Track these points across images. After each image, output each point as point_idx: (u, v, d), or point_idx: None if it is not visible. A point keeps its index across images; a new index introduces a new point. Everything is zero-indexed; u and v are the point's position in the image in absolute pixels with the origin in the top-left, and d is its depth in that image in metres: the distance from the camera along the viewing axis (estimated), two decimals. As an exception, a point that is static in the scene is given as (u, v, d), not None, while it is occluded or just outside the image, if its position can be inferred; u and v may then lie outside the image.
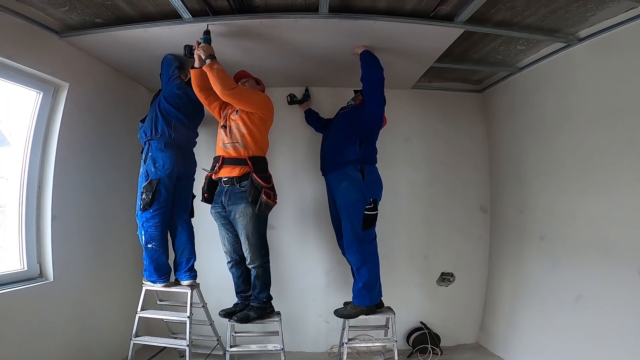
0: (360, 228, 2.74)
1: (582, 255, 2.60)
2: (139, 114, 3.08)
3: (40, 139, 2.65)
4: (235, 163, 2.64)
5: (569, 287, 2.69)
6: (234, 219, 2.67)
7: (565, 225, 2.79)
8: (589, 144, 2.61)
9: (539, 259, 3.01)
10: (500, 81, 3.50)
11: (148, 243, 2.77)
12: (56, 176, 2.65)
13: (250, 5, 2.48)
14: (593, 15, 2.44)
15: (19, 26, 2.33)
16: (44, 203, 2.63)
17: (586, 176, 2.63)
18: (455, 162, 3.76)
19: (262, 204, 2.59)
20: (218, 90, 2.54)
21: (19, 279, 2.46)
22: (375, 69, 2.79)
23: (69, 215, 2.76)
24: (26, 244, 2.56)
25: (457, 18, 2.46)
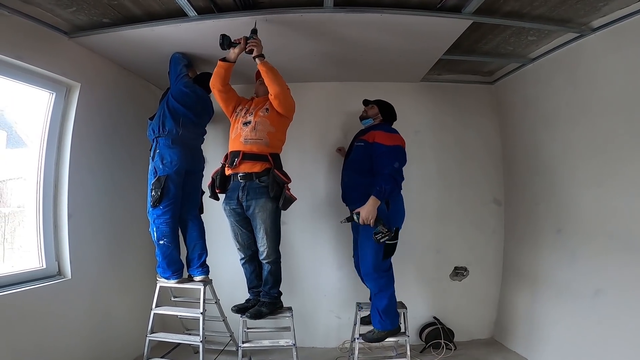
0: (381, 257, 2.71)
1: (601, 248, 2.54)
2: (149, 112, 3.12)
3: (55, 139, 2.71)
4: (257, 159, 2.66)
5: (587, 281, 2.64)
6: (252, 214, 2.68)
7: (583, 218, 2.73)
8: (607, 134, 2.54)
9: (556, 252, 2.95)
10: (512, 72, 3.43)
11: (160, 239, 2.81)
12: (71, 175, 2.72)
13: (255, 1, 2.49)
14: (605, 5, 2.37)
15: (28, 27, 2.38)
16: (60, 202, 2.70)
17: (605, 168, 2.56)
18: (467, 154, 3.71)
19: (285, 199, 2.62)
20: (276, 88, 2.59)
21: (38, 276, 2.53)
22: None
23: (85, 214, 2.83)
24: (44, 242, 2.63)
25: (464, 9, 2.41)
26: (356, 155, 2.91)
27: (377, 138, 2.77)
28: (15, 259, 2.64)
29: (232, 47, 2.57)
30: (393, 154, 2.72)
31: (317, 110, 3.66)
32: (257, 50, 2.51)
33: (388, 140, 2.75)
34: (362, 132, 2.96)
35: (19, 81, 2.46)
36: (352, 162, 2.94)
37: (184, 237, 3.04)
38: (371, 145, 2.79)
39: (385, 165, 2.67)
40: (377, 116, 2.98)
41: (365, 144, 2.84)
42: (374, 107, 3.00)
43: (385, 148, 2.72)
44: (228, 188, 2.78)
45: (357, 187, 2.83)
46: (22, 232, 2.71)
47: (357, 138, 2.98)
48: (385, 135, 2.78)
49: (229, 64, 2.65)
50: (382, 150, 2.72)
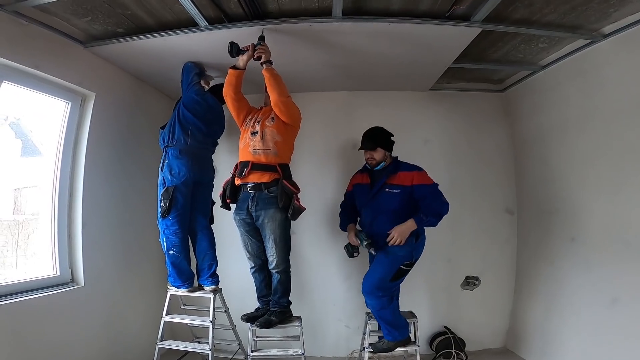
0: (390, 277, 2.70)
1: (617, 257, 2.50)
2: (161, 121, 3.14)
3: (70, 149, 2.77)
4: (265, 169, 2.66)
5: (603, 290, 2.59)
6: (261, 224, 2.69)
7: (598, 226, 2.69)
8: (620, 141, 2.51)
9: (571, 261, 2.91)
10: (523, 80, 3.41)
11: (170, 249, 2.83)
12: (86, 184, 2.76)
13: (264, 11, 2.52)
14: (616, 11, 2.36)
15: (45, 37, 2.44)
16: (74, 211, 2.75)
17: (619, 175, 2.53)
18: (478, 163, 3.68)
19: (294, 210, 2.63)
20: (275, 95, 2.61)
21: (52, 284, 2.57)
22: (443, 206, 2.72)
23: (98, 222, 2.87)
24: (59, 250, 2.67)
25: (473, 17, 2.42)
26: (392, 205, 2.76)
27: (417, 180, 2.74)
28: (28, 266, 2.68)
29: (241, 54, 2.61)
30: (437, 190, 2.75)
31: (326, 120, 3.68)
32: (264, 57, 2.55)
33: (428, 179, 2.76)
34: (387, 175, 2.80)
35: (36, 91, 2.52)
36: (387, 211, 2.77)
37: (194, 247, 3.05)
38: (410, 188, 2.74)
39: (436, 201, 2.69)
40: (385, 156, 2.87)
41: (402, 190, 2.74)
42: (379, 150, 2.83)
43: (430, 187, 2.73)
44: (238, 198, 2.79)
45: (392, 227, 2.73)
46: (35, 239, 2.75)
47: (384, 183, 2.79)
48: (422, 175, 2.76)
49: (239, 71, 2.68)
50: (428, 190, 2.72)
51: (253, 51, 2.56)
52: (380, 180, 2.81)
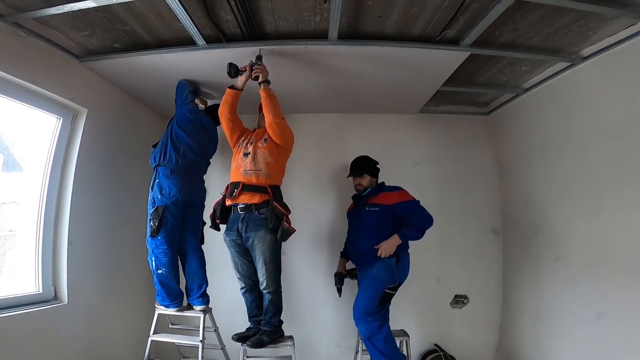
0: (377, 303, 2.75)
1: (601, 274, 2.57)
2: (153, 140, 3.14)
3: (59, 165, 2.72)
4: (256, 190, 2.66)
5: (589, 305, 2.65)
6: (251, 245, 2.67)
7: (581, 245, 2.77)
8: (601, 162, 2.61)
9: (557, 279, 2.98)
10: (507, 103, 3.55)
11: (158, 269, 2.78)
12: (73, 202, 2.71)
13: (261, 32, 2.59)
14: (595, 33, 2.48)
15: (42, 50, 2.44)
16: (61, 228, 2.68)
17: (600, 195, 2.62)
18: (465, 185, 3.79)
19: (284, 231, 2.61)
20: (270, 115, 2.62)
21: (34, 301, 2.48)
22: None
23: (85, 240, 2.81)
24: (42, 267, 2.59)
25: (462, 41, 2.54)
26: (371, 222, 2.91)
27: (396, 198, 2.87)
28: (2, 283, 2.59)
29: (239, 75, 2.64)
30: (418, 205, 2.86)
31: (317, 141, 3.74)
32: (262, 76, 2.58)
33: (408, 196, 2.90)
34: (369, 197, 2.99)
35: (29, 105, 2.49)
36: (367, 228, 2.92)
37: (183, 267, 3.00)
38: (390, 207, 2.86)
39: (418, 215, 2.79)
40: (372, 182, 3.07)
41: (381, 208, 2.89)
42: (365, 177, 3.05)
43: (410, 203, 2.86)
44: (229, 219, 2.77)
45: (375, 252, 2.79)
46: (12, 256, 2.67)
47: (365, 203, 2.98)
48: (401, 194, 2.91)
49: (236, 92, 2.71)
50: (409, 205, 2.84)
51: (251, 71, 2.59)
52: (362, 201, 2.99)
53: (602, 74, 2.60)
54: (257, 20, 2.46)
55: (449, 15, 2.35)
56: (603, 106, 2.59)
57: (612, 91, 2.52)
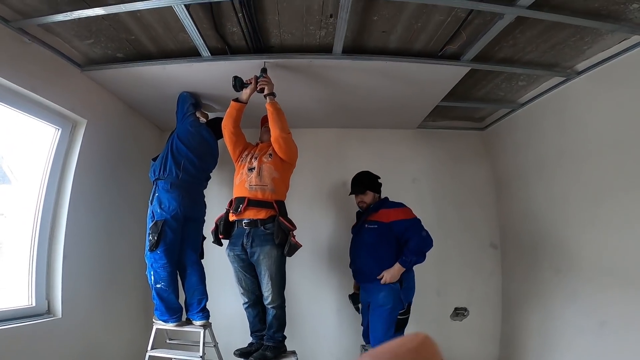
0: (392, 332, 2.71)
1: (602, 285, 2.60)
2: (152, 154, 3.11)
3: (56, 178, 2.64)
4: (262, 205, 2.63)
5: (591, 315, 2.68)
6: (257, 260, 2.64)
7: (581, 257, 2.80)
8: (597, 175, 2.66)
9: (557, 290, 3.01)
10: (502, 118, 3.63)
11: (157, 283, 2.72)
12: (70, 215, 2.64)
13: (266, 45, 2.61)
14: (589, 48, 2.56)
15: (45, 57, 2.41)
16: (56, 242, 2.61)
17: (598, 208, 2.66)
18: (463, 200, 3.85)
19: (291, 246, 2.60)
20: (277, 130, 2.61)
21: (26, 314, 2.39)
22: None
23: (81, 254, 2.74)
24: (36, 281, 2.50)
25: (463, 57, 2.61)
26: (370, 238, 2.88)
27: (393, 216, 2.82)
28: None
29: (244, 88, 2.63)
30: (417, 225, 2.80)
31: (317, 156, 3.75)
32: (267, 89, 2.58)
33: (406, 215, 2.83)
34: (369, 213, 2.95)
35: (28, 114, 2.43)
36: (366, 245, 2.90)
37: (182, 282, 2.94)
38: (388, 225, 2.81)
39: (414, 238, 2.74)
40: (375, 198, 3.02)
41: (379, 225, 2.85)
42: (368, 194, 3.00)
43: (408, 222, 2.80)
44: (232, 234, 2.74)
45: (374, 267, 2.78)
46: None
47: (365, 220, 2.95)
48: (401, 211, 2.86)
49: (241, 105, 2.70)
50: (406, 225, 2.79)
51: (256, 84, 2.59)
52: (362, 218, 2.96)
53: (596, 88, 2.67)
54: (263, 33, 2.49)
55: (451, 31, 2.42)
56: (598, 120, 2.66)
57: (606, 105, 2.59)
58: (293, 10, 2.27)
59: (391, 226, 2.80)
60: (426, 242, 2.75)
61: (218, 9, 2.27)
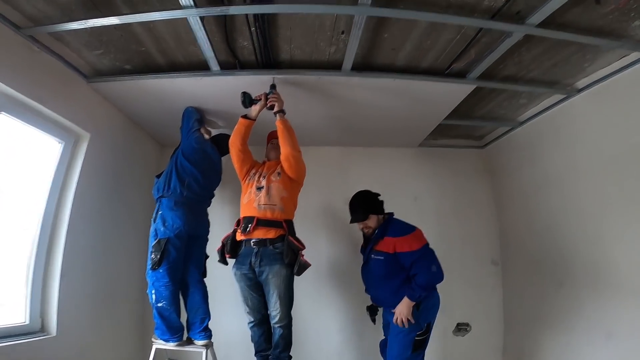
0: (409, 351, 2.57)
1: (608, 296, 2.62)
2: (151, 169, 3.08)
3: (56, 193, 2.55)
4: (271, 225, 2.59)
5: (597, 327, 2.68)
6: (265, 279, 2.59)
7: (585, 271, 2.82)
8: (599, 191, 2.71)
9: (562, 304, 3.02)
10: (502, 136, 3.71)
11: (158, 302, 2.64)
12: (69, 232, 2.54)
13: (276, 61, 2.62)
14: (590, 65, 2.64)
15: (52, 67, 2.36)
16: (54, 259, 2.50)
17: (599, 223, 2.70)
18: (464, 217, 3.89)
19: (300, 266, 2.57)
20: (288, 148, 2.57)
21: (20, 332, 2.27)
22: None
23: (79, 272, 2.64)
24: (31, 298, 2.39)
25: (469, 74, 2.66)
26: (378, 270, 2.68)
27: (399, 247, 2.59)
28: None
29: (254, 104, 2.60)
30: (424, 257, 2.57)
31: (319, 174, 3.69)
32: (278, 106, 2.56)
33: (412, 245, 2.58)
34: (374, 241, 2.72)
35: (33, 126, 2.35)
36: (377, 277, 2.71)
37: (185, 300, 2.86)
38: (393, 256, 2.60)
39: (422, 273, 2.53)
40: (379, 220, 2.79)
41: (385, 257, 2.63)
42: (371, 218, 2.75)
43: (414, 255, 2.55)
44: (239, 253, 2.69)
45: (389, 296, 2.63)
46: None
47: (371, 249, 2.73)
48: (405, 241, 2.61)
49: (250, 122, 2.67)
50: (412, 259, 2.55)
51: (265, 100, 2.56)
52: (369, 245, 2.77)
53: (596, 105, 2.73)
54: (273, 48, 2.51)
55: (459, 49, 2.48)
56: (598, 138, 2.71)
57: (606, 122, 2.65)
58: (306, 25, 2.30)
59: (397, 257, 2.61)
60: (435, 277, 2.56)
61: (232, 22, 2.29)
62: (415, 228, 2.69)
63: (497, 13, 2.12)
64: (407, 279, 2.58)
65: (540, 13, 2.02)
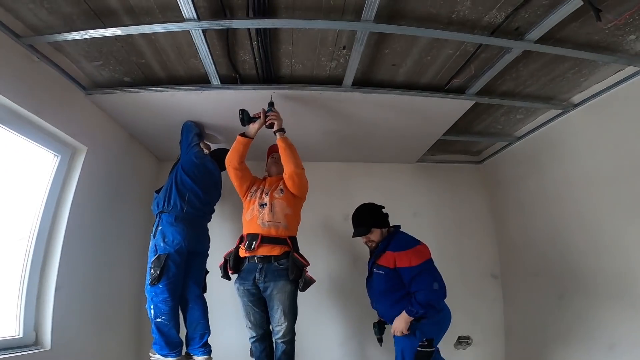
0: None
1: (609, 306, 2.63)
2: (150, 185, 3.05)
3: (52, 206, 2.49)
4: (276, 242, 2.58)
5: (600, 338, 2.68)
6: (269, 295, 2.56)
7: (584, 282, 2.83)
8: (596, 205, 2.74)
9: (563, 315, 3.02)
10: (499, 152, 3.75)
11: (157, 317, 2.57)
12: (65, 246, 2.47)
13: (276, 76, 2.63)
14: (585, 80, 2.69)
15: (50, 78, 2.33)
16: (49, 272, 2.42)
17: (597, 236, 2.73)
18: (463, 232, 3.90)
19: (305, 282, 2.56)
20: (292, 166, 2.55)
21: (12, 345, 2.19)
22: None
23: (74, 286, 2.56)
24: (24, 311, 2.31)
25: (468, 90, 2.70)
26: (381, 285, 2.62)
27: (399, 262, 2.52)
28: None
29: (252, 122, 2.57)
30: (425, 273, 2.47)
31: (319, 190, 3.64)
32: (277, 124, 2.53)
33: (412, 260, 2.50)
34: (377, 254, 2.66)
35: (29, 139, 2.29)
36: (379, 292, 2.65)
37: (184, 315, 2.80)
38: (393, 271, 2.54)
39: (422, 289, 2.43)
40: (383, 233, 2.72)
41: (386, 272, 2.57)
42: (374, 231, 2.69)
43: (414, 270, 2.46)
44: (242, 269, 2.66)
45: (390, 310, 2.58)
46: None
47: (374, 263, 2.68)
48: (405, 256, 2.53)
49: (248, 140, 2.63)
50: (412, 275, 2.46)
51: (265, 118, 2.54)
52: (372, 259, 2.73)
53: (592, 120, 2.77)
54: (275, 62, 2.52)
55: (458, 65, 2.52)
56: (594, 151, 2.75)
57: (602, 137, 2.69)
58: (308, 40, 2.31)
59: (398, 272, 2.53)
60: (436, 295, 2.44)
61: (234, 36, 2.29)
62: (419, 243, 2.63)
63: (497, 29, 2.16)
64: (409, 294, 2.51)
65: (539, 29, 2.08)
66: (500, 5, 2.01)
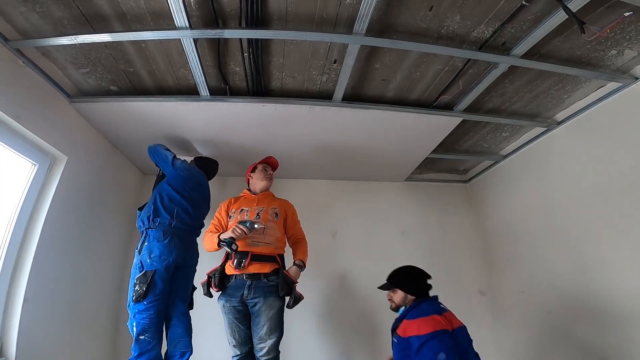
0: None
1: (598, 321, 2.61)
2: (131, 197, 2.93)
3: (26, 218, 2.35)
4: (266, 260, 2.61)
5: (590, 354, 2.65)
6: (257, 311, 2.51)
7: (572, 300, 2.82)
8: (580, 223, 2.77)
9: (551, 331, 3.00)
10: (485, 171, 3.80)
11: (140, 334, 2.41)
12: (36, 258, 2.32)
13: (267, 89, 2.62)
14: (568, 97, 2.77)
15: (34, 84, 2.26)
16: (17, 284, 2.27)
17: (583, 252, 2.74)
18: (450, 250, 3.88)
19: (295, 298, 2.55)
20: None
21: None
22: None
23: (44, 299, 2.40)
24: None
25: (456, 107, 2.74)
26: (396, 354, 2.41)
27: (408, 330, 2.31)
28: None
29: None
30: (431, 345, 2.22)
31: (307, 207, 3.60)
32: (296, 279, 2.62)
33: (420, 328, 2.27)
34: (396, 322, 2.48)
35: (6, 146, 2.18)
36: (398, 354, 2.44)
37: (166, 332, 2.64)
38: (406, 340, 2.31)
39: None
40: (406, 298, 2.50)
41: (398, 340, 2.39)
42: (397, 292, 2.52)
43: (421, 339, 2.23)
44: (228, 285, 2.61)
45: None
46: None
47: (393, 330, 2.49)
48: (414, 324, 2.32)
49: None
50: (418, 344, 2.24)
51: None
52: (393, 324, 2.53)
53: (576, 137, 2.83)
54: (265, 75, 2.51)
55: (447, 80, 2.56)
56: (578, 169, 2.80)
57: (586, 154, 2.74)
58: (300, 53, 2.32)
59: (408, 343, 2.31)
60: None
61: (225, 46, 2.28)
62: (434, 313, 2.34)
63: (485, 44, 2.21)
64: None
65: (525, 44, 2.14)
66: (488, 20, 2.06)
